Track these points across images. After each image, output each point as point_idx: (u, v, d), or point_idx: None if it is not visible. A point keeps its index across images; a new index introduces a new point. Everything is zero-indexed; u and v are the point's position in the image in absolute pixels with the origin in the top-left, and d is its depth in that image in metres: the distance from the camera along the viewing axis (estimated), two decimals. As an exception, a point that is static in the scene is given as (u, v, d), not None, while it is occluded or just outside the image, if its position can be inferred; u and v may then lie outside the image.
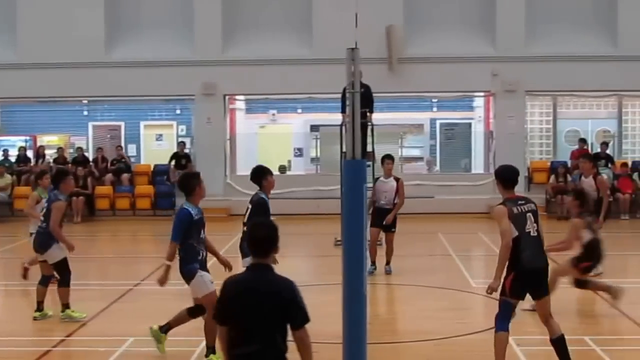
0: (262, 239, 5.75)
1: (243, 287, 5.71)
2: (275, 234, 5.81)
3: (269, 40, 25.93)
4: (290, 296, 5.68)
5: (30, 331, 11.09)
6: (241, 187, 26.06)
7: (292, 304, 5.67)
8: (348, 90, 6.78)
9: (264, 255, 5.74)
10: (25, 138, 29.37)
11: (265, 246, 5.75)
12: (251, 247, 5.78)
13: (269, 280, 5.70)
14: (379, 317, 11.43)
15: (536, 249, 8.54)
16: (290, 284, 5.75)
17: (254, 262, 5.78)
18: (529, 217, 8.53)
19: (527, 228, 8.47)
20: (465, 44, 25.61)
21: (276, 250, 5.81)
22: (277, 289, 5.66)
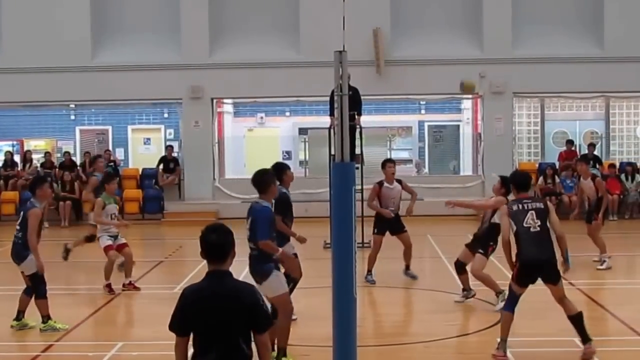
0: (215, 244, 5.57)
1: (203, 294, 5.54)
2: (229, 237, 5.63)
3: (256, 44, 25.91)
4: (253, 301, 5.54)
5: (18, 336, 11.03)
6: (229, 190, 26.08)
7: (255, 309, 5.52)
8: (336, 93, 6.78)
9: (220, 261, 5.57)
10: (12, 143, 29.27)
11: (221, 251, 5.57)
12: (205, 253, 5.59)
13: (230, 287, 5.55)
14: (369, 320, 11.42)
15: (536, 243, 9.35)
16: (252, 289, 5.66)
17: (211, 269, 5.59)
18: (531, 214, 9.39)
19: (526, 224, 9.35)
20: (453, 46, 25.65)
21: (233, 254, 5.62)
22: (239, 295, 5.52)
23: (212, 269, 5.58)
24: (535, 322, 11.31)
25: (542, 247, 9.38)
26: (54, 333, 10.95)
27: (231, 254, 5.60)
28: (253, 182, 9.83)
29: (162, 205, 25.93)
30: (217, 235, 5.59)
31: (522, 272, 9.44)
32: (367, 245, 18.03)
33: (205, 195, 26.16)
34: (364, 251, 17.27)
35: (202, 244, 5.60)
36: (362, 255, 16.50)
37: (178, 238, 21.61)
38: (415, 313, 12.13)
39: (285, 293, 9.33)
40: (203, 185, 26.23)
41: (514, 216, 9.46)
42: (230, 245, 5.61)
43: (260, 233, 9.08)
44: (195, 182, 26.19)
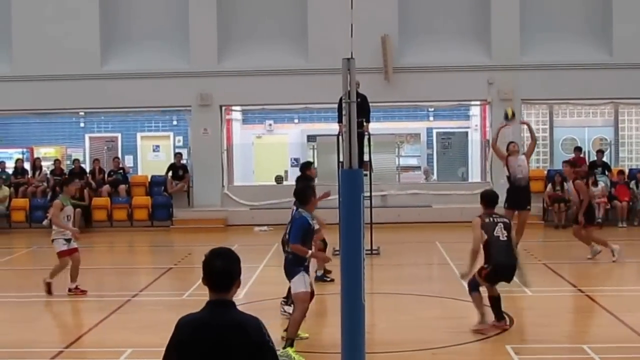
0: (220, 272, 4.87)
1: (202, 327, 4.82)
2: (235, 265, 4.93)
3: (264, 51, 25.97)
4: (260, 337, 4.80)
5: (27, 342, 11.06)
6: (238, 197, 26.13)
7: (262, 346, 4.81)
8: (344, 100, 6.80)
9: (223, 291, 4.87)
10: (22, 150, 29.37)
11: (226, 280, 4.87)
12: (208, 280, 4.88)
13: (234, 319, 4.84)
14: (377, 327, 11.42)
15: (505, 250, 10.96)
16: (258, 322, 4.89)
17: (212, 298, 4.89)
18: (500, 226, 10.99)
19: (496, 233, 10.93)
20: (461, 53, 25.66)
21: (238, 283, 4.93)
22: (244, 330, 4.79)
23: (214, 298, 4.88)
24: (544, 329, 11.31)
25: (510, 253, 11.03)
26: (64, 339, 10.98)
27: (237, 282, 4.92)
28: (295, 195, 10.93)
29: (171, 212, 25.97)
30: (223, 261, 4.90)
31: (494, 273, 11.02)
32: (375, 252, 18.07)
33: (214, 202, 26.19)
34: (372, 258, 17.32)
35: (205, 270, 4.90)
36: (370, 262, 16.55)
37: (187, 245, 21.65)
38: (423, 320, 12.12)
39: (304, 292, 10.16)
40: (212, 192, 26.27)
41: (486, 228, 10.97)
42: (237, 274, 4.93)
43: (293, 237, 10.18)
44: (204, 189, 26.24)
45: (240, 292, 13.43)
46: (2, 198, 25.70)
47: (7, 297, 14.76)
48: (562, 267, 15.60)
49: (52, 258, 20.64)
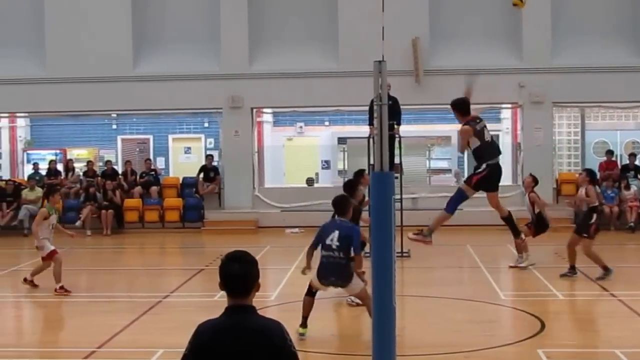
0: (238, 276, 4.77)
1: (222, 332, 4.72)
2: (253, 269, 4.82)
3: (295, 53, 26.02)
4: (281, 341, 4.68)
5: (61, 342, 11.17)
6: (269, 199, 26.19)
7: (284, 351, 4.69)
8: (376, 103, 6.81)
9: (242, 295, 4.77)
10: (55, 152, 29.66)
11: (244, 284, 4.77)
12: (225, 285, 4.80)
13: (254, 325, 4.72)
14: (407, 329, 11.41)
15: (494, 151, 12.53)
16: (279, 326, 4.77)
17: (231, 303, 4.79)
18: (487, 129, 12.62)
19: (486, 138, 12.48)
20: (492, 55, 25.55)
21: (257, 287, 4.82)
22: (265, 335, 4.68)
23: (233, 303, 4.78)
24: (576, 333, 11.26)
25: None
26: (95, 339, 11.06)
27: (255, 286, 4.81)
28: (334, 204, 11.48)
29: (202, 213, 26.08)
30: (240, 265, 4.79)
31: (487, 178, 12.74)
32: (405, 254, 18.06)
33: (245, 204, 26.27)
34: (402, 260, 17.31)
35: (222, 275, 4.81)
36: (400, 265, 16.53)
37: (218, 246, 21.70)
38: (454, 323, 12.09)
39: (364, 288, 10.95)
40: (243, 194, 26.35)
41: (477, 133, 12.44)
42: (255, 277, 4.81)
43: (357, 247, 10.97)
44: (235, 191, 26.32)
45: (272, 294, 13.49)
46: (35, 199, 25.92)
47: (40, 297, 14.90)
48: (593, 271, 15.48)
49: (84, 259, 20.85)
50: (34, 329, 12.96)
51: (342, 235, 10.82)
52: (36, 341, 11.63)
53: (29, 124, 30.89)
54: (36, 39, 26.83)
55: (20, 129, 30.48)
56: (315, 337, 10.84)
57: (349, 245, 10.82)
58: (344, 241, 10.81)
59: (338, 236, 10.83)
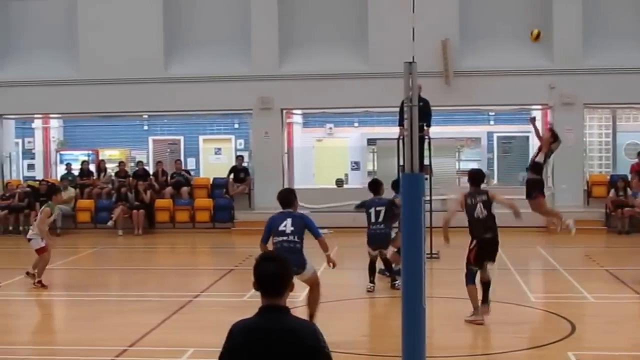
0: (272, 276, 4.78)
1: (255, 333, 4.72)
2: (288, 268, 4.85)
3: (325, 55, 26.06)
4: (314, 342, 4.68)
5: (91, 341, 11.27)
6: (298, 200, 26.15)
7: (317, 352, 4.68)
8: (406, 104, 6.82)
9: (276, 296, 4.77)
10: (88, 152, 29.93)
11: (278, 284, 4.78)
12: (260, 285, 4.80)
13: (287, 326, 4.72)
14: (437, 331, 11.41)
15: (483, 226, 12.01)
16: (313, 328, 4.79)
17: (265, 303, 4.79)
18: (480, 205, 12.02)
19: (476, 214, 11.98)
20: (522, 56, 25.43)
21: (291, 287, 4.83)
22: (298, 336, 4.68)
23: (267, 303, 4.78)
24: (606, 335, 11.21)
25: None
26: (127, 337, 11.16)
27: (289, 286, 4.82)
28: (280, 199, 12.07)
29: (232, 214, 26.20)
30: (275, 265, 4.81)
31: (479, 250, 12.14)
32: (435, 255, 18.05)
33: (275, 204, 25.89)
34: (432, 262, 17.31)
35: (256, 275, 4.81)
36: (430, 266, 16.53)
37: (248, 247, 21.71)
38: (485, 325, 12.08)
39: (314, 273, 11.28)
40: (272, 194, 25.98)
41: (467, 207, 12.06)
42: (289, 277, 4.83)
43: (317, 231, 11.46)
44: (265, 191, 26.35)
45: (301, 294, 13.53)
46: (68, 199, 26.17)
47: (73, 295, 15.06)
48: (624, 274, 15.41)
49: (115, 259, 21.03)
50: (67, 327, 13.09)
51: (295, 221, 11.22)
52: (69, 339, 11.75)
53: (61, 125, 31.24)
54: (69, 41, 27.10)
55: (54, 129, 30.83)
56: (346, 338, 10.88)
57: (303, 230, 11.13)
58: (298, 225, 11.18)
59: (292, 222, 11.20)
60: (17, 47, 27.67)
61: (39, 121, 30.55)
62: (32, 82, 26.85)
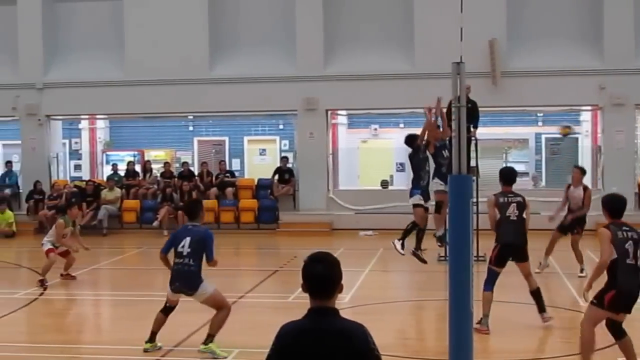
0: (322, 277, 4.71)
1: (305, 335, 4.67)
2: (336, 270, 4.76)
3: (370, 55, 25.96)
4: (364, 345, 4.63)
5: (136, 341, 11.27)
6: (343, 201, 26.16)
7: (367, 354, 4.63)
8: (454, 105, 6.72)
9: (326, 297, 4.71)
10: (133, 153, 30.13)
11: (328, 285, 4.72)
12: (309, 286, 4.75)
13: (337, 327, 4.66)
14: (483, 335, 11.27)
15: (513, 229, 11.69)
16: (363, 330, 4.72)
17: (314, 305, 4.73)
18: (513, 205, 11.77)
19: (508, 212, 11.72)
20: (571, 56, 25.12)
21: (340, 288, 4.77)
22: (348, 338, 4.62)
23: (316, 305, 4.73)
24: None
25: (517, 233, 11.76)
26: (172, 338, 11.16)
27: (338, 288, 4.76)
28: (185, 209, 11.72)
29: (276, 215, 26.20)
30: (324, 266, 4.73)
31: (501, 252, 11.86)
32: (482, 258, 17.85)
33: (319, 206, 26.29)
34: (478, 265, 17.10)
35: (305, 277, 4.75)
36: (476, 269, 16.33)
37: (292, 248, 21.78)
38: (531, 329, 11.90)
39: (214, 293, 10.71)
40: (317, 196, 26.37)
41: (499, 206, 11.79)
42: (338, 278, 4.76)
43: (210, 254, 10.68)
44: (309, 192, 26.37)
45: (345, 297, 13.46)
46: (114, 199, 26.36)
47: (118, 295, 15.13)
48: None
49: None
50: (112, 326, 13.15)
51: (193, 241, 10.56)
52: (114, 339, 11.79)
53: (108, 126, 31.48)
54: (115, 42, 27.31)
55: (100, 130, 31.09)
56: (390, 340, 10.79)
57: (201, 251, 10.57)
58: (195, 247, 10.55)
59: (189, 242, 10.56)
60: (64, 49, 27.94)
61: (85, 122, 30.82)
62: (78, 83, 27.10)
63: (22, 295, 15.02)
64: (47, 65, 27.75)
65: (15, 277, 18.37)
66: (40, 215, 26.28)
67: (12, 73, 27.79)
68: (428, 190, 15.35)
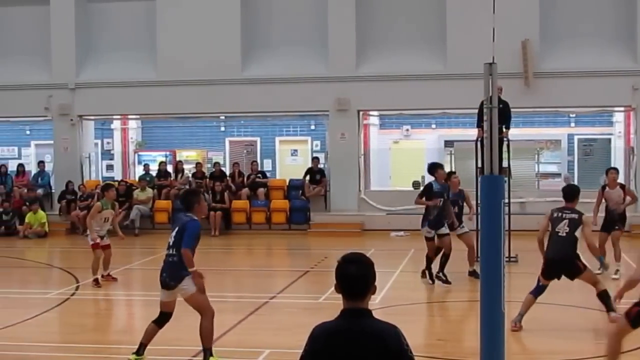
0: (355, 278, 4.69)
1: (338, 336, 4.65)
2: (370, 270, 4.75)
3: (402, 55, 25.94)
4: (398, 346, 4.62)
5: (168, 341, 11.32)
6: (375, 202, 26.15)
7: (400, 355, 4.61)
8: (486, 106, 6.71)
9: (359, 298, 4.70)
10: (165, 153, 30.28)
11: (361, 286, 4.70)
12: (342, 287, 4.73)
13: (370, 328, 4.66)
14: (516, 335, 11.23)
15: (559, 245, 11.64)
16: (396, 331, 4.70)
17: (347, 306, 4.72)
18: (565, 222, 11.72)
19: (558, 228, 11.66)
20: (604, 57, 24.95)
21: (374, 289, 4.75)
22: (382, 339, 4.61)
23: (349, 306, 4.71)
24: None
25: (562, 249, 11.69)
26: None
27: (372, 289, 4.75)
28: (180, 201, 10.70)
29: (308, 215, 26.23)
30: (357, 267, 4.72)
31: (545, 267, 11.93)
32: (513, 259, 17.79)
33: (351, 206, 26.29)
34: (510, 266, 17.04)
35: (339, 277, 4.73)
36: (508, 270, 16.28)
37: (324, 248, 21.80)
38: (564, 330, 11.84)
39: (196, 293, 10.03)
40: (349, 196, 26.38)
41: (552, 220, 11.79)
42: (371, 279, 4.75)
43: (186, 242, 9.80)
44: (341, 193, 26.38)
45: (377, 297, 13.45)
46: (146, 199, 26.52)
47: (151, 295, 15.18)
48: None
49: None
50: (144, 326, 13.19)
51: (178, 230, 9.99)
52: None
53: (140, 126, 31.69)
54: (148, 42, 27.48)
55: (132, 130, 31.29)
56: (422, 341, 10.78)
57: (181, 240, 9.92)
58: (178, 237, 9.94)
59: (175, 232, 10.06)
60: (97, 49, 28.15)
61: (117, 122, 31.03)
62: (111, 84, 27.30)
63: (54, 295, 15.12)
64: (80, 66, 27.97)
65: (47, 277, 18.53)
66: (72, 216, 26.52)
67: (45, 73, 28.05)
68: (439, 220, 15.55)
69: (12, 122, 30.82)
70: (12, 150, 32.09)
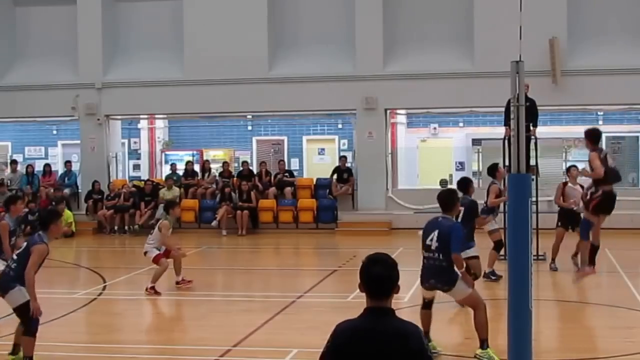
0: (379, 278, 4.76)
1: (360, 334, 4.71)
2: (394, 270, 4.82)
3: (430, 54, 25.87)
4: (419, 345, 4.67)
5: (196, 340, 11.39)
6: (402, 200, 26.10)
7: (422, 355, 4.67)
8: (513, 104, 6.71)
9: (383, 297, 4.76)
10: (192, 152, 30.39)
11: (384, 286, 4.76)
12: (367, 286, 4.80)
13: (392, 327, 4.70)
14: (543, 334, 11.18)
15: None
16: (418, 331, 4.79)
17: (370, 305, 4.79)
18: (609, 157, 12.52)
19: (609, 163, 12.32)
20: (632, 55, 24.77)
21: (397, 289, 4.80)
22: (404, 338, 4.66)
23: (372, 305, 4.78)
24: None
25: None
26: (231, 337, 11.25)
27: (396, 288, 4.80)
28: (439, 200, 10.53)
29: (335, 214, 26.21)
30: (382, 267, 4.80)
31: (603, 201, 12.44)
32: (541, 257, 17.72)
33: (379, 205, 26.26)
34: (538, 264, 16.97)
35: (363, 277, 4.81)
36: (536, 268, 16.22)
37: (351, 247, 21.81)
38: (591, 328, 11.79)
39: (473, 292, 10.02)
40: (376, 195, 26.35)
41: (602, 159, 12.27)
42: (395, 279, 4.80)
43: (455, 246, 9.80)
44: (368, 192, 26.35)
45: (405, 296, 13.45)
46: (173, 198, 26.59)
47: (178, 295, 15.27)
48: None
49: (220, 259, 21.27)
50: (172, 326, 13.27)
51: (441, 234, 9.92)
52: (174, 338, 11.90)
53: (167, 125, 31.84)
54: (175, 42, 27.56)
55: (159, 130, 31.44)
56: (450, 340, 10.76)
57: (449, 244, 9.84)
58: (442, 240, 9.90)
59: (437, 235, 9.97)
60: (124, 49, 28.29)
61: (144, 122, 31.19)
62: (138, 83, 27.42)
63: (81, 295, 15.19)
64: (107, 65, 28.12)
65: (74, 277, 18.62)
66: (99, 215, 26.68)
67: (72, 73, 28.22)
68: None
69: (39, 122, 31.07)
70: (39, 150, 32.36)
